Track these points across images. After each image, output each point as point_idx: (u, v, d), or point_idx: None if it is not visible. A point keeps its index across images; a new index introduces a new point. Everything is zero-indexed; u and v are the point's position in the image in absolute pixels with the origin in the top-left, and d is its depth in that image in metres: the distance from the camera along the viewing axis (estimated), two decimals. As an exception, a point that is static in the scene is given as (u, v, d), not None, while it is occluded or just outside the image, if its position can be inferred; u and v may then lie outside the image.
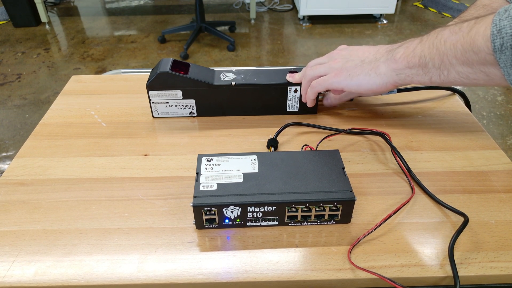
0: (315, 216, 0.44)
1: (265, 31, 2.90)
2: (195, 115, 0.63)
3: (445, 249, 0.42)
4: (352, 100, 0.65)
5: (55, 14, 3.21)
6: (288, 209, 0.43)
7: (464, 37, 0.43)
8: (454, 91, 0.67)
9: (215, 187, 0.43)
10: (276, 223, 0.44)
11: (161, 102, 0.61)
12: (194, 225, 0.44)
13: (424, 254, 0.41)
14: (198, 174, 0.45)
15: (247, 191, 0.43)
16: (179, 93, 0.60)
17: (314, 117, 0.62)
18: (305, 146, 0.53)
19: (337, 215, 0.44)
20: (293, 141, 0.57)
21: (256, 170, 0.45)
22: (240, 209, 0.42)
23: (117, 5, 3.39)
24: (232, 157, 0.47)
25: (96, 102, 0.67)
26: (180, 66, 0.59)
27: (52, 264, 0.41)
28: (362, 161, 0.54)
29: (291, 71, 0.61)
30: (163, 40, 2.71)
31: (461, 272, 0.39)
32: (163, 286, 0.39)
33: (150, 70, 0.62)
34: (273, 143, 0.55)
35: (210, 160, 0.46)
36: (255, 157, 0.47)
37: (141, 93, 0.67)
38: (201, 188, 0.43)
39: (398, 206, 0.46)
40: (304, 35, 2.82)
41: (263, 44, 2.71)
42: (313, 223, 0.44)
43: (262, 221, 0.44)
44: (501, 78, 0.42)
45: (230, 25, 2.87)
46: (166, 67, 0.58)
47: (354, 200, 0.42)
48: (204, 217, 0.43)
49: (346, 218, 0.44)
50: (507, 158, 0.54)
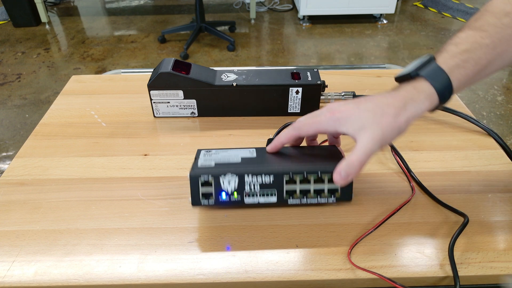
0: (315, 192, 0.43)
1: (265, 31, 2.90)
2: (196, 115, 0.63)
3: (445, 249, 0.42)
4: None
5: (55, 14, 3.21)
6: (286, 181, 0.43)
7: None
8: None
9: (213, 165, 0.43)
10: (275, 200, 0.44)
11: (163, 102, 0.61)
12: (190, 203, 0.43)
13: (424, 254, 0.41)
14: (196, 159, 0.45)
15: (245, 165, 0.43)
16: (180, 93, 0.60)
17: (314, 117, 0.62)
18: None
19: (337, 190, 0.43)
20: (293, 141, 0.57)
21: (254, 156, 0.46)
22: (237, 179, 0.42)
23: (117, 5, 3.39)
24: (231, 150, 0.47)
25: (96, 102, 0.67)
26: (182, 66, 0.59)
27: (52, 264, 0.41)
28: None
29: (293, 72, 0.61)
30: (163, 40, 2.71)
31: (461, 272, 0.39)
32: (163, 286, 0.39)
33: (150, 70, 0.62)
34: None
35: (209, 151, 0.47)
36: (254, 150, 0.47)
37: (141, 93, 0.67)
38: (199, 165, 0.43)
39: (398, 206, 0.46)
40: (304, 35, 2.82)
41: (263, 44, 2.71)
42: (313, 201, 0.44)
43: (260, 196, 0.43)
44: None
45: (230, 25, 2.87)
46: (168, 67, 0.58)
47: None
48: (201, 190, 0.43)
49: (347, 195, 0.44)
50: (507, 158, 0.54)
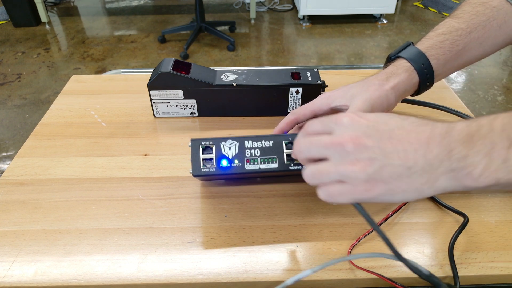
0: None
1: (265, 31, 2.90)
2: (196, 115, 0.63)
3: (445, 249, 0.42)
4: None
5: (55, 14, 3.21)
6: (286, 144, 0.43)
7: None
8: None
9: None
10: (276, 166, 0.43)
11: (163, 102, 0.61)
12: (191, 174, 0.43)
13: (424, 254, 0.41)
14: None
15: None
16: (180, 93, 0.60)
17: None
18: None
19: None
20: (293, 141, 0.57)
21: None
22: (238, 144, 0.43)
23: (117, 5, 3.38)
24: None
25: (96, 102, 0.67)
26: (182, 66, 0.59)
27: (52, 264, 0.41)
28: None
29: (293, 72, 0.61)
30: (163, 40, 2.71)
31: (461, 272, 0.39)
32: (163, 286, 0.39)
33: (150, 70, 0.62)
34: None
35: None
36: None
37: (141, 93, 0.67)
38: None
39: (398, 206, 0.46)
40: (304, 35, 2.82)
41: (263, 44, 2.71)
42: None
43: (261, 163, 0.43)
44: None
45: (230, 25, 2.87)
46: (168, 67, 0.58)
47: None
48: (202, 156, 0.43)
49: None
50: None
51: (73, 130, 0.60)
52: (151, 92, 0.60)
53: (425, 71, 0.47)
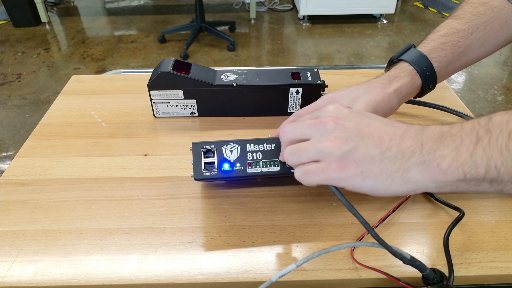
0: None
1: (265, 31, 2.90)
2: (196, 115, 0.63)
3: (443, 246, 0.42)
4: None
5: (55, 14, 3.21)
6: None
7: None
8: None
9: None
10: (278, 169, 0.43)
11: (163, 102, 0.61)
12: (193, 177, 0.43)
13: (424, 254, 0.41)
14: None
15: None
16: (180, 93, 0.60)
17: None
18: None
19: None
20: (293, 141, 0.57)
21: None
22: (240, 148, 0.43)
23: (117, 5, 3.39)
24: None
25: (96, 102, 0.67)
26: (182, 66, 0.59)
27: (52, 264, 0.41)
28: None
29: (293, 72, 0.61)
30: (163, 40, 2.71)
31: (461, 272, 0.39)
32: (163, 286, 0.39)
33: (150, 70, 0.62)
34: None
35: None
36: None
37: (141, 93, 0.67)
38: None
39: (398, 203, 0.46)
40: (304, 35, 2.82)
41: (263, 44, 2.71)
42: None
43: (263, 166, 0.43)
44: None
45: (230, 25, 2.87)
46: (168, 67, 0.58)
47: None
48: (203, 160, 0.43)
49: None
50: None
51: (73, 130, 0.60)
52: (151, 92, 0.60)
53: (428, 74, 0.47)
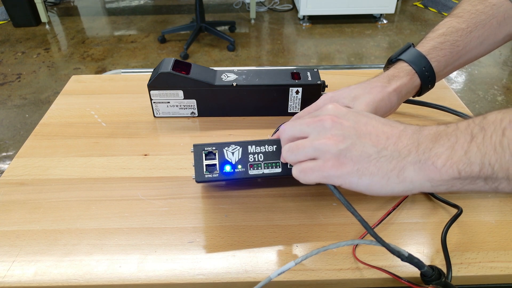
0: None
1: (265, 31, 2.90)
2: (196, 115, 0.63)
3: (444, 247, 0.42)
4: None
5: (55, 14, 3.21)
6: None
7: None
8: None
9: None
10: (280, 171, 0.43)
11: (163, 102, 0.61)
12: (194, 179, 0.43)
13: (424, 254, 0.41)
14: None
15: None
16: (180, 93, 0.60)
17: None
18: None
19: None
20: (293, 141, 0.57)
21: None
22: (241, 149, 0.43)
23: (117, 5, 3.39)
24: None
25: (96, 102, 0.67)
26: (182, 66, 0.59)
27: (52, 264, 0.41)
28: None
29: (293, 72, 0.61)
30: (163, 40, 2.71)
31: (461, 272, 0.39)
32: (163, 286, 0.39)
33: (150, 70, 0.62)
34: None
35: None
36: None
37: (141, 93, 0.67)
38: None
39: (398, 202, 0.46)
40: (304, 35, 2.82)
41: (263, 44, 2.71)
42: None
43: (265, 167, 0.43)
44: None
45: (230, 25, 2.87)
46: (168, 67, 0.58)
47: None
48: (205, 162, 0.43)
49: None
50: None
51: (73, 130, 0.60)
52: (151, 92, 0.60)
53: (427, 74, 0.47)
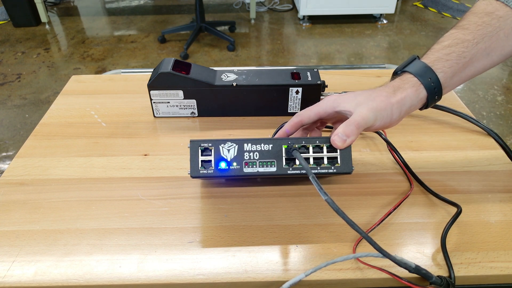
0: (314, 161, 0.43)
1: (265, 31, 2.90)
2: (196, 115, 0.63)
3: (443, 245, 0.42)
4: None
5: (55, 14, 3.21)
6: (285, 149, 0.43)
7: None
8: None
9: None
10: (274, 170, 0.43)
11: (162, 102, 0.61)
12: (189, 175, 0.43)
13: (424, 254, 0.41)
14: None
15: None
16: (180, 93, 0.60)
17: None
18: None
19: (337, 159, 0.43)
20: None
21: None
22: (237, 147, 0.43)
23: (117, 5, 3.38)
24: None
25: (96, 102, 0.67)
26: (182, 66, 0.59)
27: (52, 264, 0.41)
28: (362, 161, 0.54)
29: (293, 72, 0.61)
30: (163, 40, 2.70)
31: (461, 272, 0.39)
32: (163, 286, 0.39)
33: (150, 70, 0.62)
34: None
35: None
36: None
37: (141, 93, 0.67)
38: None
39: (397, 203, 0.46)
40: (304, 35, 2.82)
41: (263, 44, 2.71)
42: (313, 171, 0.43)
43: (260, 166, 0.43)
44: None
45: (230, 25, 2.87)
46: (168, 67, 0.58)
47: None
48: (200, 158, 0.43)
49: (347, 166, 0.43)
50: (507, 158, 0.54)
51: (73, 130, 0.60)
52: (151, 92, 0.60)
53: (433, 85, 0.46)
